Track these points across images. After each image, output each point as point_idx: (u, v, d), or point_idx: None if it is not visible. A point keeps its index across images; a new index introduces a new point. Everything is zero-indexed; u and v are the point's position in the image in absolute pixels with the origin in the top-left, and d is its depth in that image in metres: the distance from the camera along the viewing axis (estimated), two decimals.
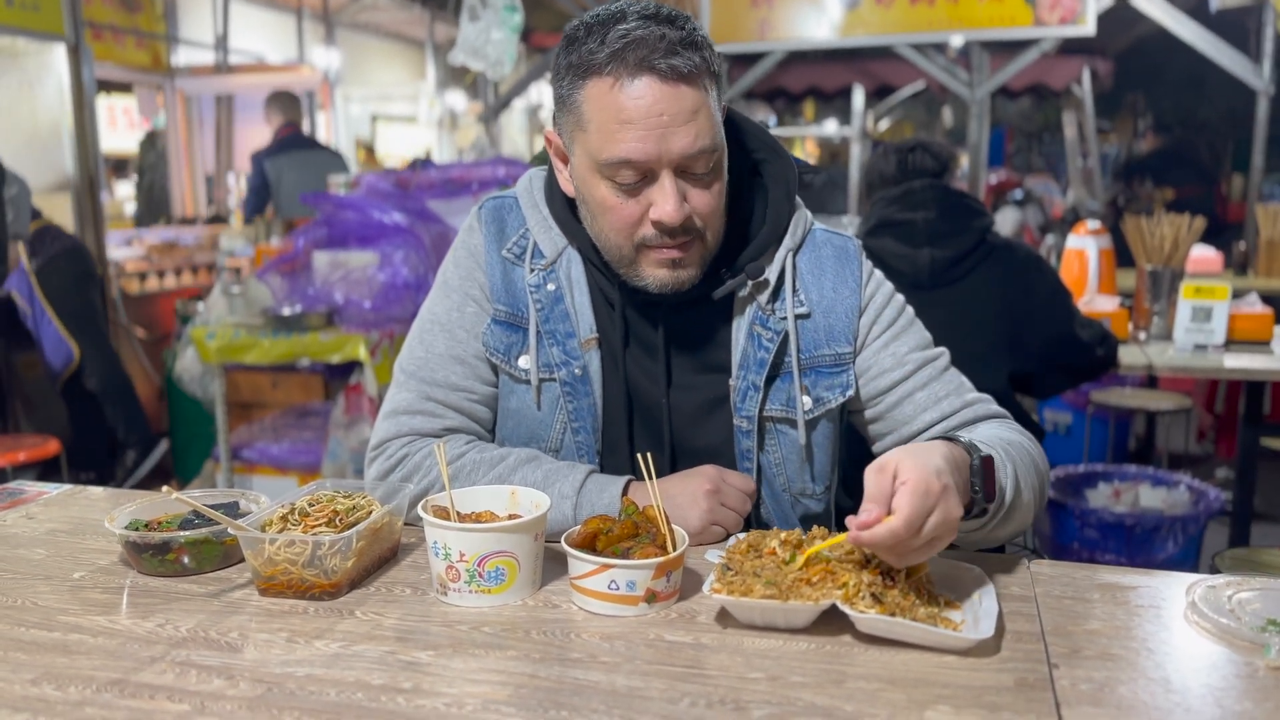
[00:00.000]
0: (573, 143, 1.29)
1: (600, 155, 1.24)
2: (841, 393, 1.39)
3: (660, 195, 1.24)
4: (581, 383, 1.39)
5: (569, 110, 1.27)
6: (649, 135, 1.20)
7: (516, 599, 1.11)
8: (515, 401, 1.43)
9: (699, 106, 1.22)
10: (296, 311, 3.31)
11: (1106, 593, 1.13)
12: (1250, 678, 0.94)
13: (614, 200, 1.26)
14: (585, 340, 1.38)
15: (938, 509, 1.03)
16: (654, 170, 1.24)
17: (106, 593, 1.16)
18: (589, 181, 1.28)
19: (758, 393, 1.37)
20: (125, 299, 5.14)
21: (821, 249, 1.42)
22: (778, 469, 1.41)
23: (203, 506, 1.17)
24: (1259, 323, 2.82)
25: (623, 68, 1.20)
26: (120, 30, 6.40)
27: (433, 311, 1.46)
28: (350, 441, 3.31)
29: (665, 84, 1.20)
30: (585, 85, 1.23)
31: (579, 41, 1.24)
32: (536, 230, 1.41)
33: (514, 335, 1.41)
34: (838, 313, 1.39)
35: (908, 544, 1.02)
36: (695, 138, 1.22)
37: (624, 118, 1.20)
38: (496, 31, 3.77)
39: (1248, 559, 2.48)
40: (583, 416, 1.39)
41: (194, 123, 7.38)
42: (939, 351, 1.45)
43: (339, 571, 1.12)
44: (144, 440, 4.51)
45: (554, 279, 1.39)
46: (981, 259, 2.33)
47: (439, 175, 3.72)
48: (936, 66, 5.50)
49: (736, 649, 1.00)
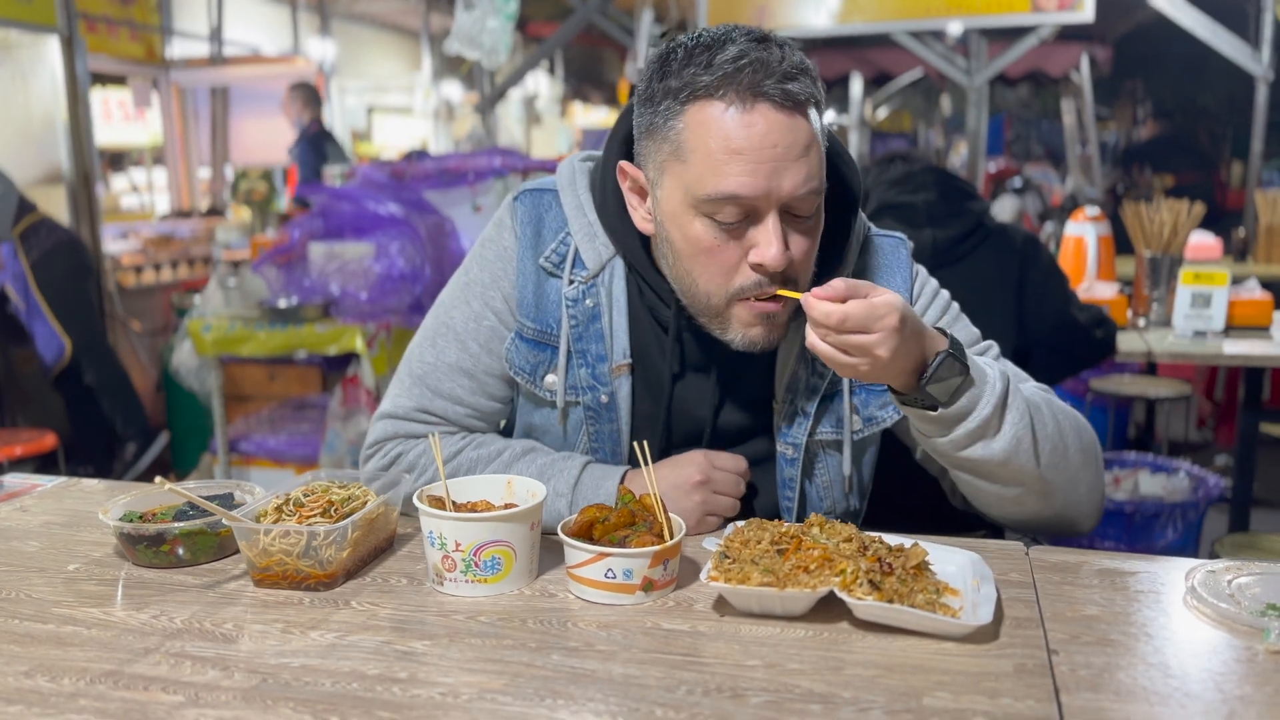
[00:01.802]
0: (663, 175, 1.17)
1: (702, 189, 1.12)
2: (895, 411, 1.32)
3: (764, 237, 1.13)
4: (608, 409, 1.31)
5: (662, 139, 1.16)
6: (760, 169, 1.10)
7: (513, 588, 1.11)
8: (539, 418, 1.37)
9: (811, 140, 1.13)
10: (293, 303, 3.30)
11: (1106, 578, 1.13)
12: (1250, 662, 0.93)
13: (710, 240, 1.15)
14: (617, 366, 1.30)
15: (882, 326, 1.06)
16: (759, 209, 1.13)
17: (101, 584, 1.15)
18: (682, 219, 1.16)
19: (807, 419, 1.31)
20: (121, 292, 5.13)
21: (873, 257, 1.35)
22: (824, 492, 1.36)
23: (197, 497, 1.16)
24: (1258, 309, 2.81)
25: (735, 92, 1.10)
26: (114, 22, 6.37)
27: (450, 314, 1.37)
28: (348, 433, 3.31)
29: (781, 112, 1.10)
30: (687, 111, 1.13)
31: (678, 64, 1.14)
32: (579, 236, 1.30)
33: (542, 353, 1.32)
34: None
35: (845, 336, 1.06)
36: (807, 175, 1.12)
37: (734, 147, 1.10)
38: (492, 20, 3.75)
39: (1248, 544, 2.48)
40: (603, 440, 1.34)
41: (189, 115, 7.35)
42: (986, 345, 1.39)
43: (334, 562, 1.11)
44: (143, 433, 4.50)
45: (593, 294, 1.29)
46: (980, 241, 2.33)
47: (435, 166, 3.70)
48: (935, 54, 5.48)
49: (734, 637, 0.99)
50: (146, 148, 7.41)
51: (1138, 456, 3.31)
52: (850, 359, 1.08)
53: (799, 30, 5.47)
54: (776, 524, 1.14)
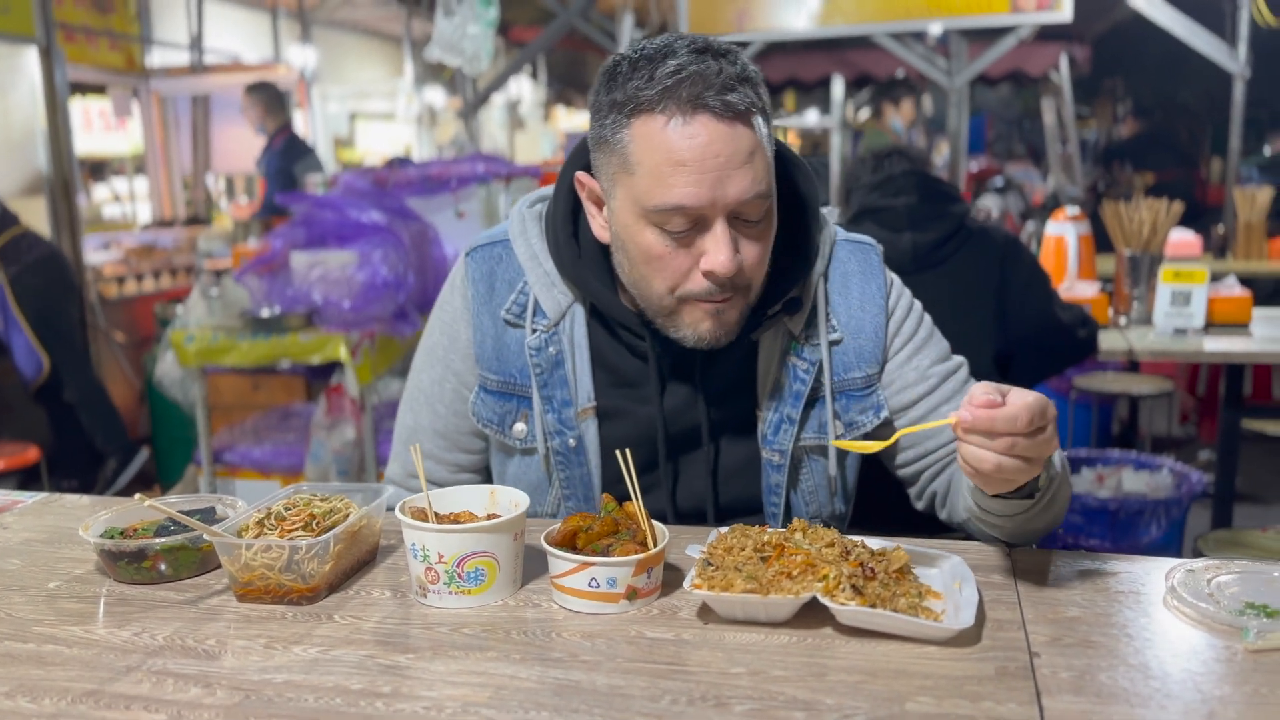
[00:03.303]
0: (615, 186, 1.20)
1: (650, 201, 1.15)
2: (875, 414, 1.35)
3: (714, 244, 1.15)
4: (576, 454, 1.34)
5: (611, 151, 1.18)
6: (704, 179, 1.12)
7: (497, 599, 1.10)
8: (512, 469, 1.40)
9: (755, 148, 1.14)
10: (275, 313, 3.28)
11: (1087, 579, 1.13)
12: (1229, 661, 0.94)
13: (661, 249, 1.17)
14: (582, 410, 1.32)
15: (1050, 418, 1.02)
16: (707, 217, 1.15)
17: (82, 602, 1.14)
18: (633, 228, 1.19)
19: (793, 425, 1.32)
20: (104, 303, 5.09)
21: (846, 263, 1.36)
22: (810, 497, 1.37)
23: (177, 513, 1.16)
24: (1237, 305, 2.83)
25: (675, 105, 1.12)
26: (93, 32, 6.34)
27: (419, 378, 1.44)
28: (332, 443, 3.30)
29: (721, 122, 1.12)
30: (632, 124, 1.15)
31: (623, 77, 1.16)
32: (537, 286, 1.33)
33: (508, 403, 1.35)
34: (866, 333, 1.35)
35: (1019, 440, 0.99)
36: (752, 182, 1.14)
37: (676, 159, 1.12)
38: (472, 26, 3.74)
39: (1230, 540, 2.50)
40: (574, 486, 1.36)
41: (169, 124, 7.31)
42: (959, 362, 1.42)
43: (316, 575, 1.11)
44: (123, 449, 4.46)
45: (556, 342, 1.32)
46: (961, 243, 2.34)
47: (417, 173, 3.70)
48: (915, 55, 5.50)
49: (718, 644, 1.00)
50: (128, 157, 7.38)
51: (1121, 454, 3.33)
52: (1031, 460, 1.03)
53: (779, 33, 5.48)
54: (759, 530, 1.14)
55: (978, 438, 1.02)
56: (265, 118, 5.73)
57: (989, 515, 1.20)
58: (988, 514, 1.20)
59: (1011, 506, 1.17)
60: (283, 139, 5.73)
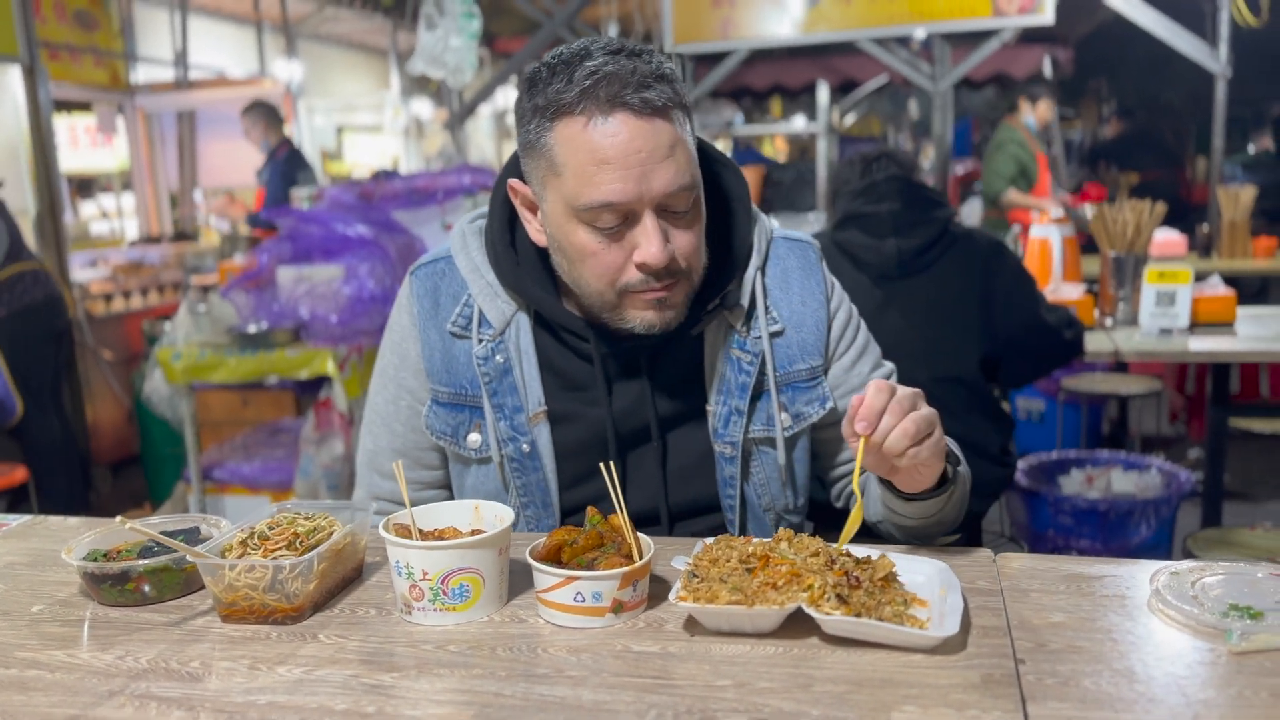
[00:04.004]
0: (545, 189, 1.23)
1: (578, 200, 1.18)
2: (820, 405, 1.39)
3: (644, 237, 1.19)
4: (530, 459, 1.36)
5: (538, 155, 1.21)
6: (629, 174, 1.16)
7: (483, 615, 1.10)
8: (470, 480, 1.41)
9: (675, 141, 1.18)
10: (262, 328, 3.27)
11: (1073, 583, 1.13)
12: (1213, 665, 0.94)
13: (595, 246, 1.21)
14: (534, 414, 1.35)
15: (923, 407, 1.13)
16: (635, 211, 1.19)
17: (65, 626, 1.14)
18: (566, 229, 1.22)
19: (741, 417, 1.35)
20: (91, 321, 5.07)
21: (785, 259, 1.41)
22: (761, 490, 1.40)
23: (159, 535, 1.15)
24: (1221, 305, 2.84)
25: (594, 105, 1.15)
26: (77, 49, 6.32)
27: (375, 400, 1.46)
28: (322, 458, 3.29)
29: (640, 119, 1.15)
30: (555, 128, 1.18)
31: (543, 82, 1.19)
32: (481, 298, 1.36)
33: (460, 414, 1.38)
34: (808, 326, 1.38)
35: (897, 406, 1.10)
36: (676, 174, 1.18)
37: (600, 157, 1.15)
38: (455, 39, 3.74)
39: (1220, 539, 2.50)
40: (532, 493, 1.38)
41: (155, 140, 7.30)
42: (889, 369, 1.48)
43: (301, 595, 1.10)
44: (67, 507, 4.37)
45: (502, 350, 1.35)
46: (946, 248, 2.35)
47: (403, 185, 3.70)
48: (899, 60, 5.52)
49: (704, 656, 0.99)
50: (115, 173, 7.36)
51: (1110, 455, 3.34)
52: (925, 439, 1.14)
53: (764, 40, 5.50)
54: (744, 541, 1.14)
55: (877, 430, 1.11)
56: (267, 133, 5.91)
57: (903, 517, 1.28)
58: (903, 516, 1.28)
59: (925, 508, 1.25)
60: (285, 151, 5.90)
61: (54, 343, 4.33)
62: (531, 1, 6.17)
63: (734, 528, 1.40)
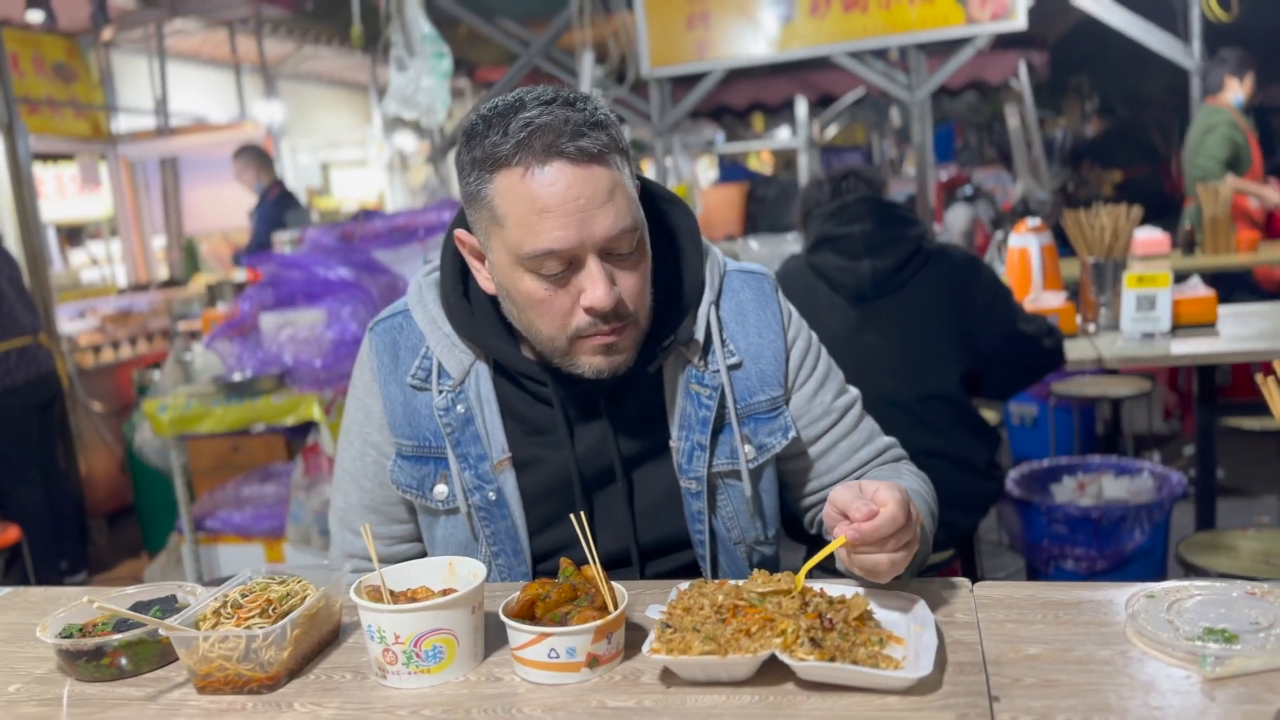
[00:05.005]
0: (489, 239, 1.25)
1: (522, 249, 1.19)
2: (783, 435, 1.39)
3: (589, 281, 1.20)
4: (497, 507, 1.36)
5: (481, 206, 1.22)
6: (569, 221, 1.17)
7: (458, 675, 1.09)
8: (439, 532, 1.41)
9: (614, 185, 1.19)
10: (247, 376, 3.27)
11: (1050, 612, 1.13)
12: (1188, 693, 0.94)
13: (542, 293, 1.22)
14: (498, 461, 1.35)
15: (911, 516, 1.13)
16: (579, 257, 1.20)
17: (42, 705, 1.13)
18: (512, 277, 1.23)
19: (704, 451, 1.35)
20: (81, 374, 5.07)
21: (740, 293, 1.41)
22: (730, 523, 1.40)
23: (126, 612, 1.14)
24: (1202, 306, 2.85)
25: (531, 156, 1.16)
26: (57, 103, 6.35)
27: (343, 459, 1.47)
28: (312, 503, 3.28)
29: (577, 167, 1.17)
30: (494, 179, 1.19)
31: (480, 135, 1.20)
32: (439, 350, 1.36)
33: (425, 466, 1.38)
34: (766, 357, 1.38)
35: (901, 535, 1.10)
36: (616, 218, 1.19)
37: (540, 206, 1.17)
38: (426, 79, 3.76)
39: (1212, 543, 2.50)
40: (502, 541, 1.38)
41: (139, 187, 7.32)
42: (854, 396, 1.47)
43: (275, 663, 1.10)
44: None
45: (463, 400, 1.35)
46: (920, 265, 2.35)
47: (384, 225, 3.70)
48: (875, 72, 5.55)
49: (679, 709, 0.99)
50: (103, 220, 7.38)
51: (1101, 460, 3.34)
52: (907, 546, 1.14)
53: (739, 60, 5.53)
54: (717, 585, 1.14)
55: (868, 547, 1.10)
56: (259, 175, 5.95)
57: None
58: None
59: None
60: (276, 192, 5.94)
61: (38, 415, 4.28)
62: (508, 32, 6.20)
63: (705, 563, 1.40)
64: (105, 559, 4.84)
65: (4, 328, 4.08)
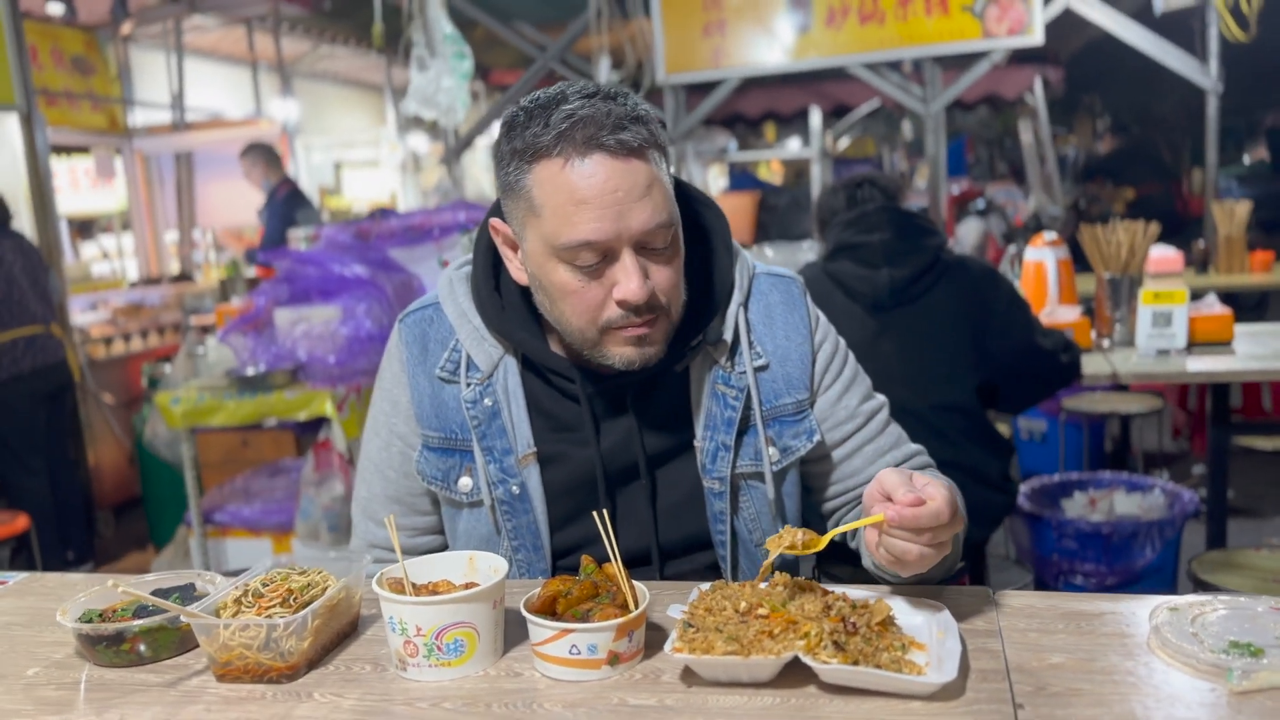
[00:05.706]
0: (525, 229, 1.26)
1: (557, 239, 1.20)
2: (808, 439, 1.39)
3: (623, 274, 1.21)
4: (520, 501, 1.37)
5: (518, 196, 1.24)
6: (606, 214, 1.18)
7: (478, 669, 1.09)
8: (462, 525, 1.42)
9: (652, 181, 1.20)
10: (260, 371, 3.28)
11: (1071, 622, 1.13)
12: (1214, 706, 0.93)
13: (575, 284, 1.23)
14: (523, 456, 1.36)
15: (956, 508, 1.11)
16: (614, 249, 1.21)
17: (61, 689, 1.13)
18: (546, 267, 1.24)
19: (728, 452, 1.36)
20: (92, 365, 5.08)
21: (769, 295, 1.41)
22: (752, 525, 1.40)
23: (149, 597, 1.15)
24: (1219, 324, 2.84)
25: (571, 147, 1.18)
26: (75, 96, 6.38)
27: (368, 449, 1.47)
28: (322, 499, 3.28)
29: (616, 160, 1.18)
30: (533, 169, 1.20)
31: (520, 126, 1.21)
32: (468, 342, 1.37)
33: (451, 459, 1.38)
34: (793, 360, 1.39)
35: (939, 532, 1.09)
36: (653, 213, 1.20)
37: (578, 198, 1.18)
38: (447, 79, 3.77)
39: (1224, 561, 2.49)
40: (523, 535, 1.38)
41: (154, 182, 7.34)
42: (881, 401, 1.47)
43: (295, 653, 1.10)
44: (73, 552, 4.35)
45: (490, 394, 1.36)
46: (939, 276, 2.35)
47: (399, 224, 3.71)
48: (890, 84, 5.55)
49: (700, 708, 0.99)
50: (116, 213, 7.41)
51: (1112, 476, 3.33)
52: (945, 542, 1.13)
53: (755, 69, 5.54)
54: (740, 587, 1.14)
55: (903, 532, 1.09)
56: (267, 173, 5.93)
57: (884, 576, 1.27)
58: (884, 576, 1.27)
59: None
60: (285, 191, 5.91)
61: (45, 405, 4.28)
62: (524, 36, 6.22)
63: (726, 564, 1.40)
64: (111, 550, 4.84)
65: (13, 315, 4.09)
